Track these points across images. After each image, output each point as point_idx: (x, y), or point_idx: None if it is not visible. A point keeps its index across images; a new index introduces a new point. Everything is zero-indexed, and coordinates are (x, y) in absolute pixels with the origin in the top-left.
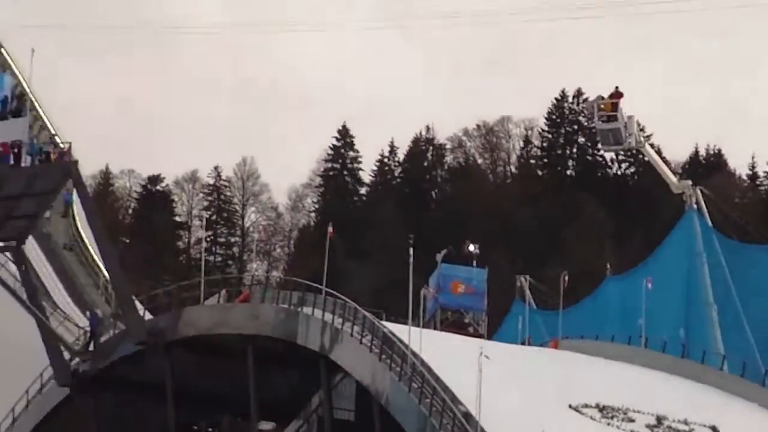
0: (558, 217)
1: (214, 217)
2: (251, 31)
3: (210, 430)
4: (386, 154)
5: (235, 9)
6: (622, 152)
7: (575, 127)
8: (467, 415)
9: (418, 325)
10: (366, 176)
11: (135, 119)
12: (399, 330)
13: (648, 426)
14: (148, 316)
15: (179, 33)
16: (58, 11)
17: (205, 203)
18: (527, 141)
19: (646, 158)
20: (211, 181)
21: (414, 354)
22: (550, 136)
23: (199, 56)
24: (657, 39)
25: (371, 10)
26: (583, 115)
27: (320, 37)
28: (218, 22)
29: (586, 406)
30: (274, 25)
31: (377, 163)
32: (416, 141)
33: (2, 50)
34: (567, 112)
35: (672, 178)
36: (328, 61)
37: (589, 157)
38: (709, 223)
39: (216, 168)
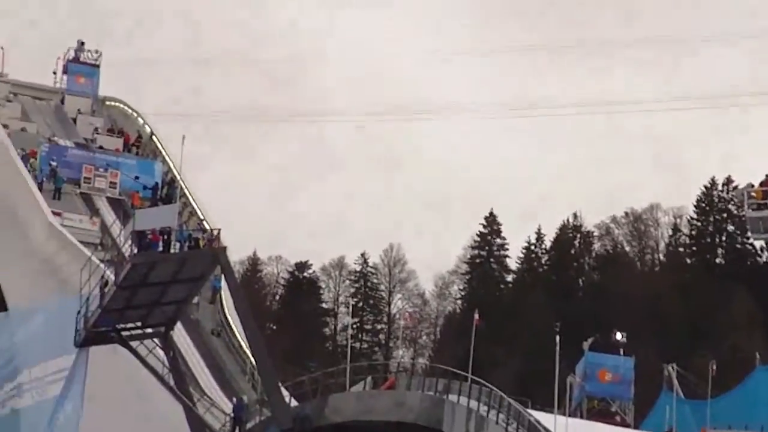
0: (707, 305)
1: (360, 304)
2: (396, 119)
3: None
4: (533, 241)
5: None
6: None
7: (725, 215)
8: None
9: (564, 414)
10: (512, 263)
11: (283, 207)
12: (545, 418)
13: None
14: (293, 402)
15: (327, 122)
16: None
17: (352, 290)
18: (676, 229)
19: None
20: (358, 268)
21: None
22: (699, 224)
23: (348, 144)
24: None
25: (512, 97)
26: (732, 202)
27: (470, 123)
28: (368, 110)
29: None
30: (414, 113)
31: (524, 250)
32: (563, 228)
33: (154, 138)
34: (716, 200)
35: None
36: (472, 147)
37: (739, 246)
38: None
39: (362, 255)
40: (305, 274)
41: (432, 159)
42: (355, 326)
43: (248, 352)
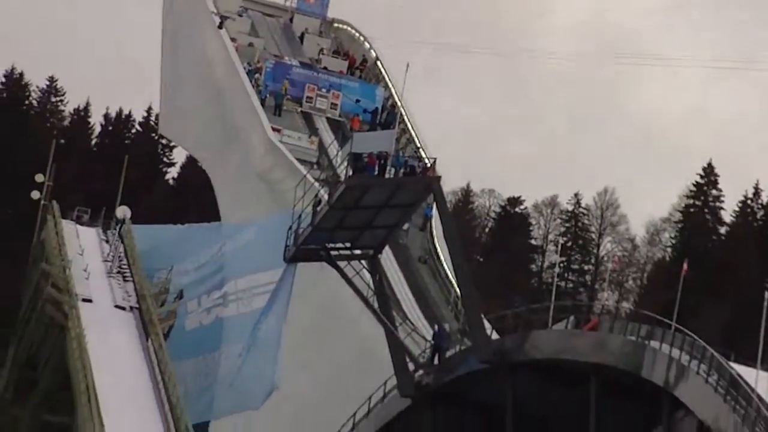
0: None
1: (569, 243)
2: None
3: None
4: (750, 195)
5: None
6: None
7: None
8: None
9: None
10: (726, 216)
11: (499, 142)
12: (746, 373)
13: None
14: (494, 335)
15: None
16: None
17: (562, 229)
18: None
19: None
20: (570, 208)
21: (760, 398)
22: None
23: (558, 87)
24: None
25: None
26: None
27: (684, 72)
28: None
29: None
30: (638, 58)
31: (739, 204)
32: None
33: (378, 63)
34: None
35: None
36: (692, 96)
37: None
38: None
39: (576, 195)
40: (516, 209)
41: (653, 108)
42: (562, 265)
43: (454, 281)
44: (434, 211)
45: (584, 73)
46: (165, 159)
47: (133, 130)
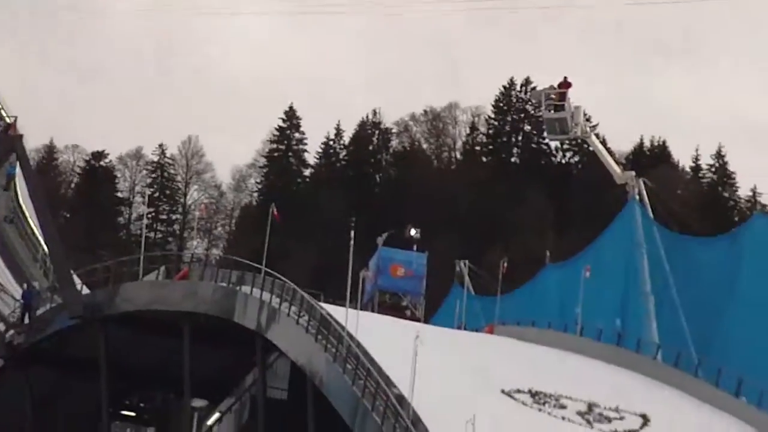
0: (501, 204)
1: (156, 194)
2: (191, 14)
3: (142, 405)
4: (332, 136)
5: None
6: (567, 141)
7: (522, 115)
8: (400, 398)
9: (356, 308)
10: (311, 158)
11: (80, 96)
12: (336, 311)
13: (579, 413)
14: (85, 290)
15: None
16: None
17: (148, 180)
18: (473, 128)
19: (590, 148)
20: (155, 159)
21: (350, 336)
22: (496, 123)
23: (144, 37)
24: (609, 31)
25: None
26: (530, 103)
27: (265, 21)
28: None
29: (518, 391)
30: (215, 8)
31: (322, 146)
32: (362, 125)
33: None
34: (514, 100)
35: (616, 169)
36: (274, 44)
37: (534, 146)
38: (651, 215)
39: (160, 146)
40: (101, 163)
41: (234, 56)
42: (150, 216)
43: (41, 239)
44: (18, 170)
45: (165, 23)
46: None
47: None
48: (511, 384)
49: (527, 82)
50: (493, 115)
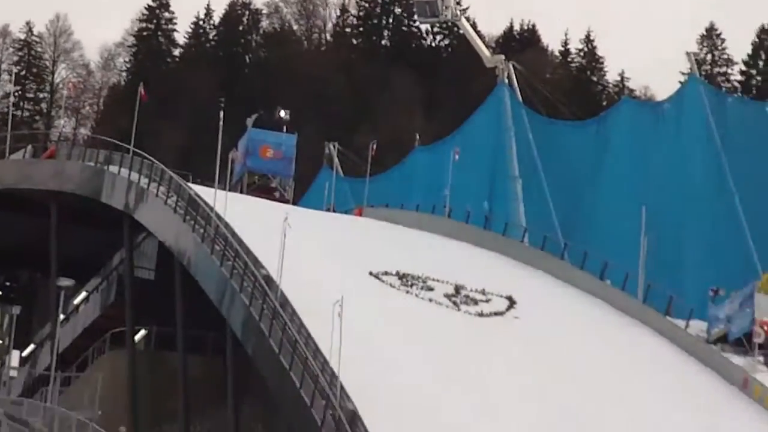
0: (371, 86)
1: (23, 72)
2: None
3: (8, 284)
4: (201, 16)
5: None
6: (437, 24)
7: None
8: (268, 279)
9: (225, 188)
10: (180, 38)
11: None
12: (205, 192)
13: (446, 295)
14: None
15: None
16: None
17: (15, 58)
18: (344, 9)
19: (461, 31)
20: (22, 36)
21: (218, 217)
22: (366, 5)
23: None
24: None
25: None
26: None
27: None
28: None
29: (386, 273)
30: None
31: (192, 26)
32: (232, 5)
33: None
34: None
35: (485, 52)
36: None
37: (405, 28)
38: (519, 99)
39: (28, 23)
40: None
41: None
42: (16, 94)
43: None
44: None
45: None
46: None
47: None
48: (379, 266)
49: None
50: None
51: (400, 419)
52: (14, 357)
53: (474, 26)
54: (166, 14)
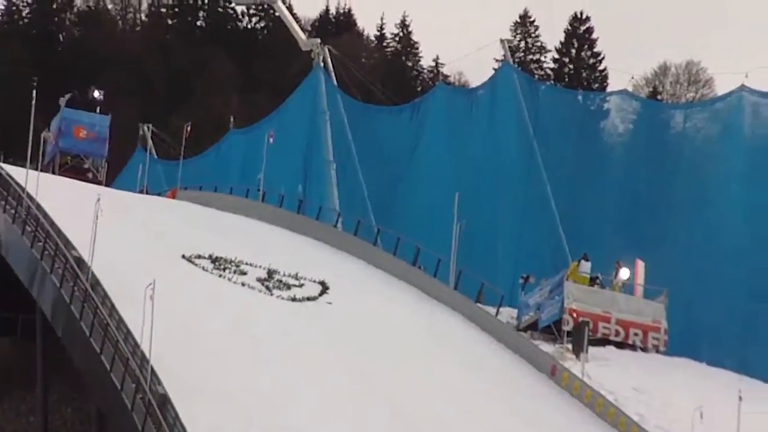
0: (186, 67)
1: None
2: None
3: None
4: None
5: None
6: (253, 6)
7: None
8: (79, 261)
9: (37, 169)
10: None
11: None
12: (17, 172)
13: (259, 279)
14: None
15: None
16: None
17: None
18: None
19: (277, 14)
20: None
21: (30, 197)
22: None
23: None
24: None
25: None
26: None
27: None
28: None
29: (199, 256)
30: None
31: (5, 2)
32: None
33: None
34: None
35: (301, 35)
36: None
37: (221, 10)
38: (335, 82)
39: None
40: None
41: None
42: None
43: None
44: None
45: None
46: None
47: None
48: (192, 249)
49: None
50: None
51: (213, 402)
52: None
53: (290, 9)
54: None
